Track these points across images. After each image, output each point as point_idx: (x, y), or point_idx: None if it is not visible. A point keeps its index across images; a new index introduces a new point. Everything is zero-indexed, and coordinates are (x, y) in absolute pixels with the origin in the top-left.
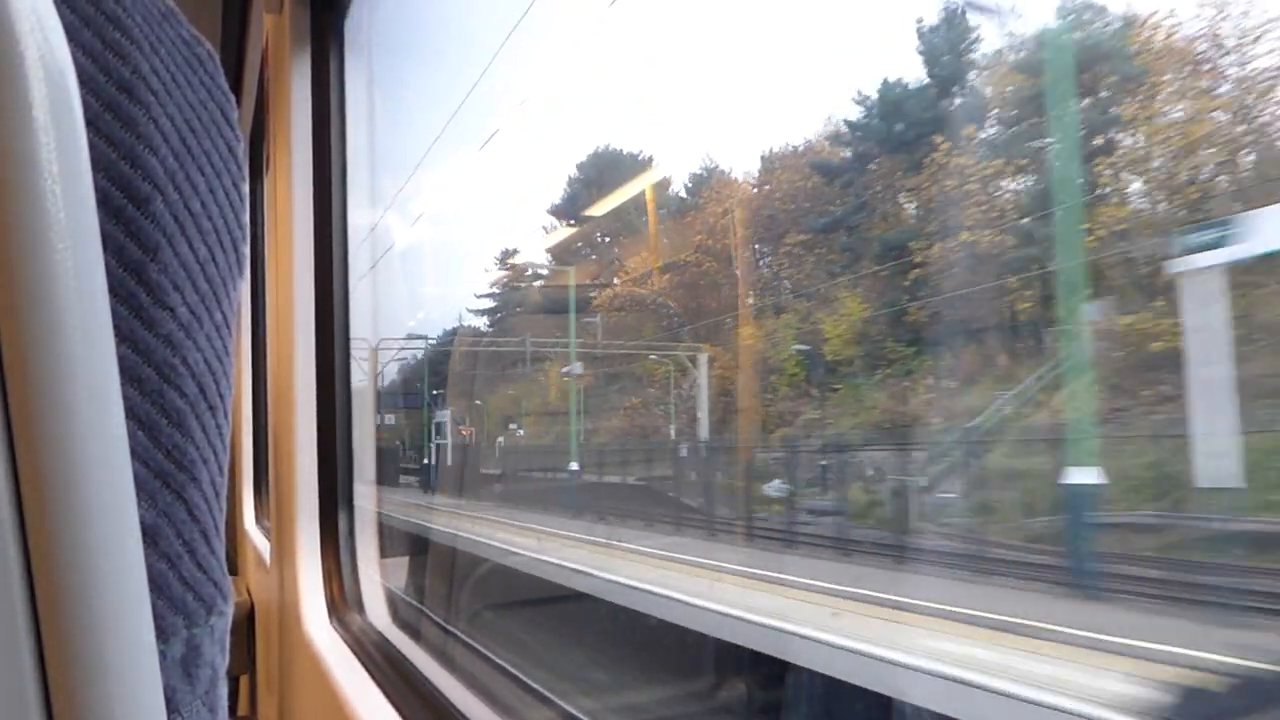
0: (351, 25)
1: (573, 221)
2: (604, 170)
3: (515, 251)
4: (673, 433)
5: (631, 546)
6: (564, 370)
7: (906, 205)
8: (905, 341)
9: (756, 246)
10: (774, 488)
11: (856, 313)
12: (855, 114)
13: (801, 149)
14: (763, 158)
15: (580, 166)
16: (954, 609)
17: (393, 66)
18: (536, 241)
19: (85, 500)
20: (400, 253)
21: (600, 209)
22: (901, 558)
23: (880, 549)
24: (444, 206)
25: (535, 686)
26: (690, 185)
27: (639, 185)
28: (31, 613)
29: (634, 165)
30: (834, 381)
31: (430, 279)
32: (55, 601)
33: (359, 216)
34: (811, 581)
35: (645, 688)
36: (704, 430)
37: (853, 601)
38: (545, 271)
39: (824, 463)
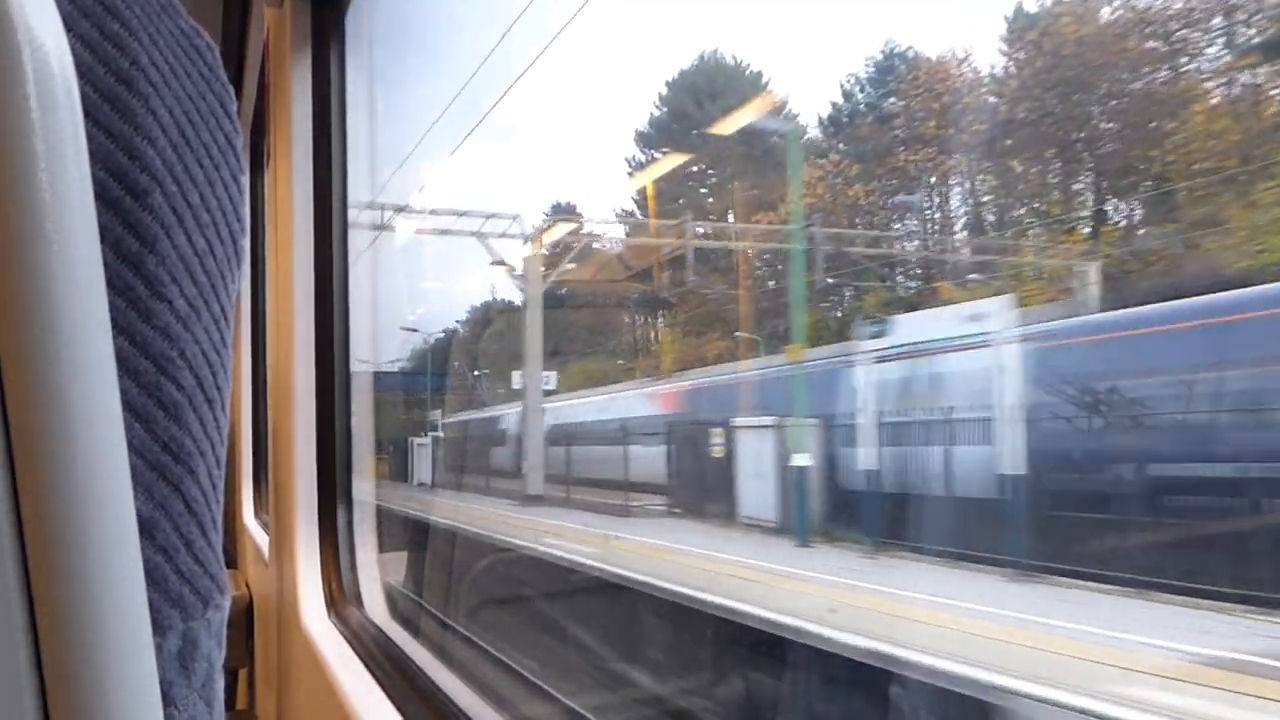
0: (352, 19)
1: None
2: (716, 85)
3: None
4: None
5: None
6: None
7: None
8: None
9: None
10: None
11: None
12: None
13: None
14: (1009, 18)
15: (682, 88)
16: None
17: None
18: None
19: (82, 493)
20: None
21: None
22: None
23: None
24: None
25: None
26: (866, 85)
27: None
28: (28, 606)
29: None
30: None
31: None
32: (51, 595)
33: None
34: None
35: None
36: None
37: None
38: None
39: None
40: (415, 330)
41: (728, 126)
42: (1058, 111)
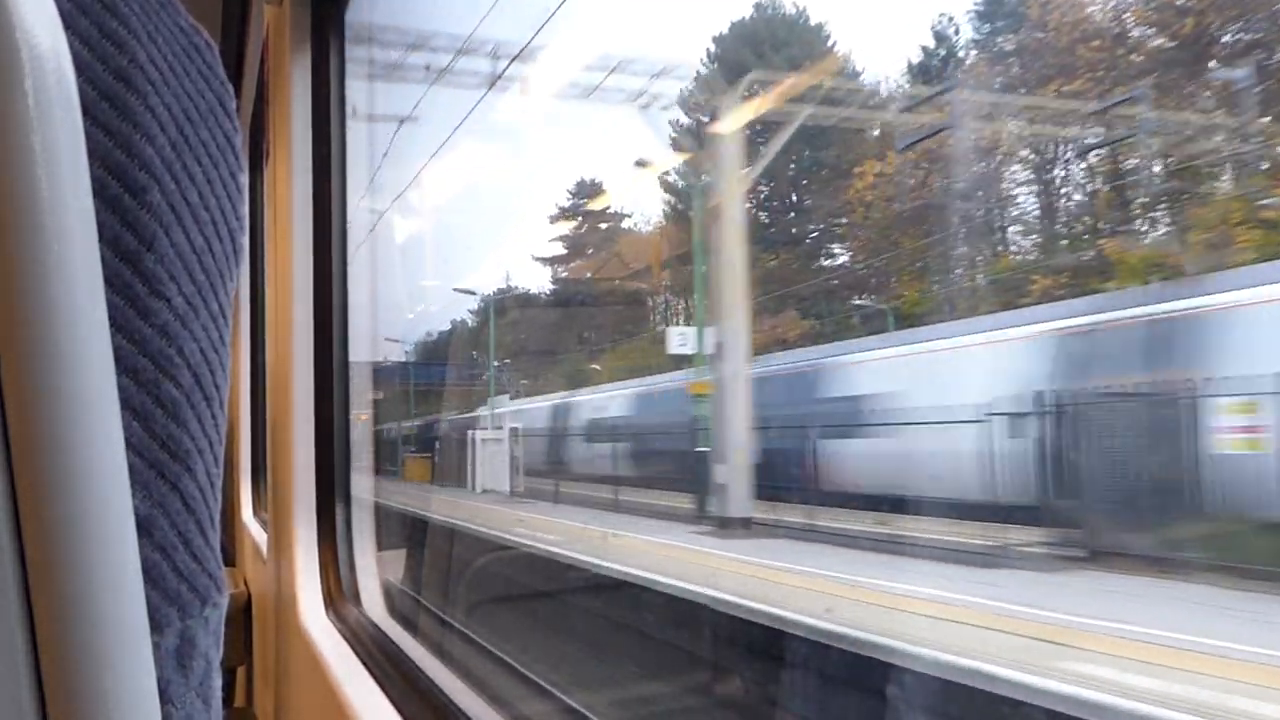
0: (352, 16)
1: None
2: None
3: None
4: None
5: None
6: None
7: None
8: None
9: None
10: None
11: None
12: None
13: None
14: None
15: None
16: None
17: None
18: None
19: (80, 491)
20: None
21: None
22: None
23: None
24: None
25: None
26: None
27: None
28: (26, 604)
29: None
30: None
31: None
32: (49, 592)
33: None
34: None
35: None
36: None
37: None
38: None
39: None
40: (473, 293)
41: None
42: None
